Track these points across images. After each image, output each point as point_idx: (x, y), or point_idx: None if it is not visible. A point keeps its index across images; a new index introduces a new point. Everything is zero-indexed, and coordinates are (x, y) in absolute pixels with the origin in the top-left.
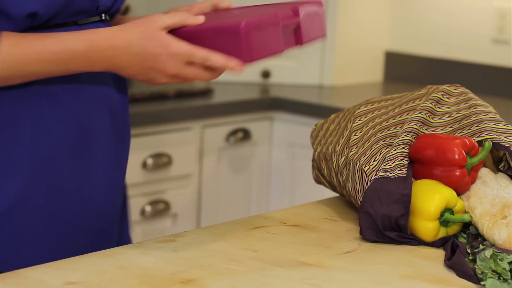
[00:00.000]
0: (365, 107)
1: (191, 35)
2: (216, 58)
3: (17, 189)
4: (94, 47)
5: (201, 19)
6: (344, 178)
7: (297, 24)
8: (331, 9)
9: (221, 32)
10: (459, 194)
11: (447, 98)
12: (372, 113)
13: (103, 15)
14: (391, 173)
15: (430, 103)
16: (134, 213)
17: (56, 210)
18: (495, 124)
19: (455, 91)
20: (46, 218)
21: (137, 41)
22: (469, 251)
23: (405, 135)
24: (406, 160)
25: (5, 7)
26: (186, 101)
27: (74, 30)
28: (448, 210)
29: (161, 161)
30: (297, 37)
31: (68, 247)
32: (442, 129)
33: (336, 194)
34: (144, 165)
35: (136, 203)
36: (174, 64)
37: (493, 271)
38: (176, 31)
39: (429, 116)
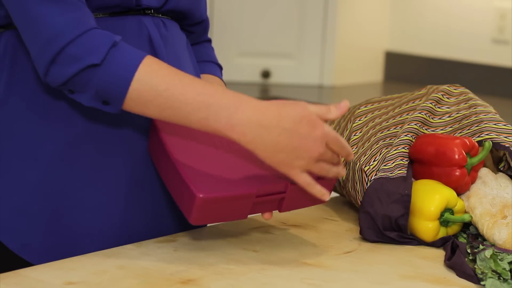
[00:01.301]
0: (365, 107)
1: None
2: (348, 146)
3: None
4: (241, 107)
5: (340, 112)
6: (344, 178)
7: (282, 197)
8: (331, 9)
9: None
10: (459, 194)
11: (447, 98)
12: (372, 113)
13: (148, 10)
14: (391, 173)
15: (430, 103)
16: None
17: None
18: (495, 124)
19: (455, 91)
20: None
21: (289, 117)
22: (469, 251)
23: (405, 135)
24: (406, 160)
25: None
26: None
27: (107, 23)
28: (448, 210)
29: None
30: (279, 205)
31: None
32: (442, 129)
33: (336, 194)
34: None
35: None
36: (321, 144)
37: (493, 271)
38: None
39: (429, 116)
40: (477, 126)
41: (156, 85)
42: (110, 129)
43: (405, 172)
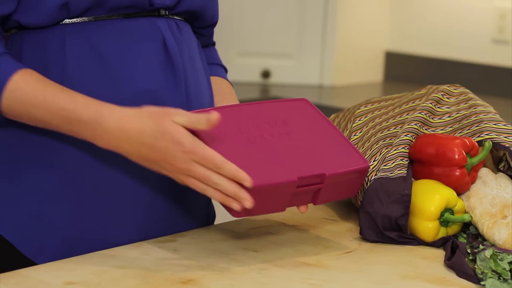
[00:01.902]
0: (365, 107)
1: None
2: (229, 166)
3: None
4: (101, 122)
5: (209, 124)
6: None
7: (318, 188)
8: (331, 9)
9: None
10: (459, 194)
11: (447, 98)
12: (372, 113)
13: (162, 11)
14: (391, 173)
15: (430, 103)
16: None
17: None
18: (495, 124)
19: (455, 91)
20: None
21: (150, 132)
22: (469, 251)
23: (405, 135)
24: (406, 160)
25: None
26: None
27: (120, 25)
28: (448, 210)
29: None
30: (314, 197)
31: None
32: (442, 129)
33: None
34: None
35: None
36: (185, 160)
37: (493, 271)
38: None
39: (429, 116)
40: (477, 126)
41: (23, 103)
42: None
43: (405, 172)
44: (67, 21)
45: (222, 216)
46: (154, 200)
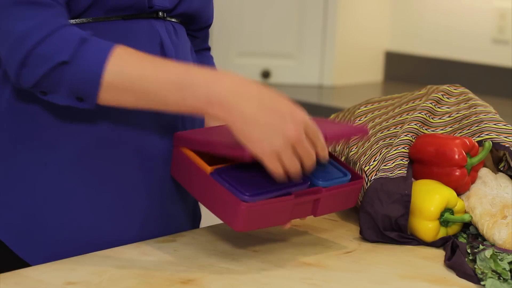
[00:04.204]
0: (365, 107)
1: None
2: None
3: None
4: (220, 77)
5: None
6: None
7: (317, 199)
8: (331, 9)
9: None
10: (459, 194)
11: (447, 98)
12: (372, 113)
13: (160, 13)
14: (391, 173)
15: (430, 103)
16: None
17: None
18: (495, 124)
19: (455, 91)
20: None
21: (269, 94)
22: (469, 251)
23: (405, 135)
24: (406, 160)
25: None
26: None
27: (119, 26)
28: (448, 210)
29: None
30: (314, 208)
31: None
32: (442, 129)
33: None
34: None
35: None
36: (298, 129)
37: (493, 271)
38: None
39: (429, 116)
40: (477, 126)
41: (128, 73)
42: (119, 138)
43: (405, 172)
44: None
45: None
46: (148, 202)
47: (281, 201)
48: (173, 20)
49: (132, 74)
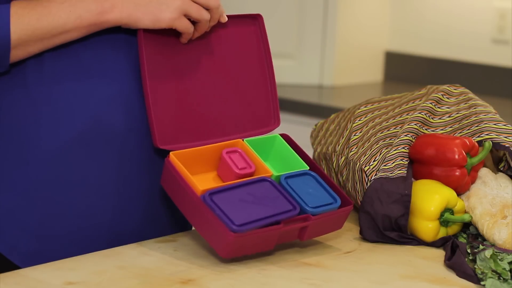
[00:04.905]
0: (365, 107)
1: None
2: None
3: (28, 183)
4: None
5: None
6: (344, 178)
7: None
8: (331, 9)
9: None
10: (459, 194)
11: (447, 98)
12: (372, 113)
13: None
14: (391, 173)
15: (430, 103)
16: None
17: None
18: (495, 124)
19: (455, 91)
20: (55, 211)
21: None
22: (469, 251)
23: (405, 135)
24: (406, 160)
25: None
26: None
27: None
28: (448, 210)
29: None
30: (300, 234)
31: (80, 241)
32: (442, 129)
33: None
34: None
35: None
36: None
37: (493, 271)
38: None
39: (429, 116)
40: (477, 126)
41: (27, 22)
42: (100, 135)
43: (405, 172)
44: None
45: None
46: (132, 202)
47: (270, 230)
48: None
49: (30, 21)
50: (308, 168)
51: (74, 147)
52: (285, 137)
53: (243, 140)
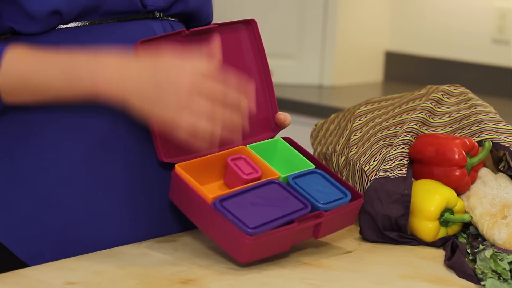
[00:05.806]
0: (365, 107)
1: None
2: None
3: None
4: (100, 55)
5: None
6: (344, 178)
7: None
8: (331, 9)
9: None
10: (459, 194)
11: (447, 98)
12: (372, 113)
13: (156, 13)
14: (391, 173)
15: (430, 103)
16: None
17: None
18: (495, 124)
19: (455, 91)
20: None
21: (146, 56)
22: (469, 251)
23: (405, 135)
24: (406, 160)
25: (25, 5)
26: None
27: (115, 29)
28: (448, 210)
29: None
30: (315, 231)
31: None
32: (442, 129)
33: None
34: None
35: None
36: (189, 75)
37: (493, 271)
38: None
39: (429, 116)
40: (477, 126)
41: (18, 74)
42: (121, 142)
43: (405, 172)
44: (61, 26)
45: None
46: (148, 203)
47: (285, 229)
48: (171, 19)
49: (21, 74)
50: (314, 166)
51: (95, 154)
52: (288, 140)
53: (246, 146)
